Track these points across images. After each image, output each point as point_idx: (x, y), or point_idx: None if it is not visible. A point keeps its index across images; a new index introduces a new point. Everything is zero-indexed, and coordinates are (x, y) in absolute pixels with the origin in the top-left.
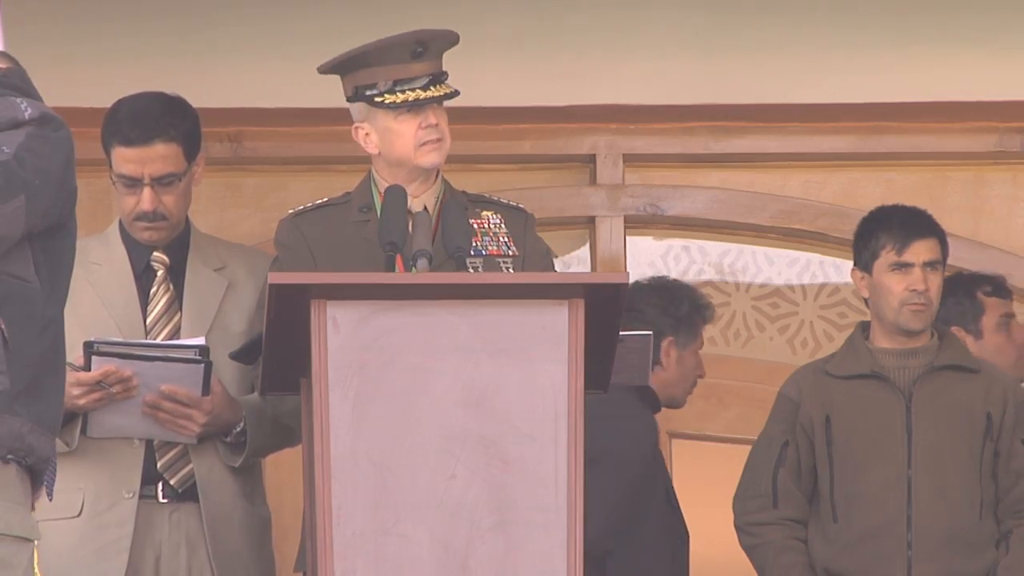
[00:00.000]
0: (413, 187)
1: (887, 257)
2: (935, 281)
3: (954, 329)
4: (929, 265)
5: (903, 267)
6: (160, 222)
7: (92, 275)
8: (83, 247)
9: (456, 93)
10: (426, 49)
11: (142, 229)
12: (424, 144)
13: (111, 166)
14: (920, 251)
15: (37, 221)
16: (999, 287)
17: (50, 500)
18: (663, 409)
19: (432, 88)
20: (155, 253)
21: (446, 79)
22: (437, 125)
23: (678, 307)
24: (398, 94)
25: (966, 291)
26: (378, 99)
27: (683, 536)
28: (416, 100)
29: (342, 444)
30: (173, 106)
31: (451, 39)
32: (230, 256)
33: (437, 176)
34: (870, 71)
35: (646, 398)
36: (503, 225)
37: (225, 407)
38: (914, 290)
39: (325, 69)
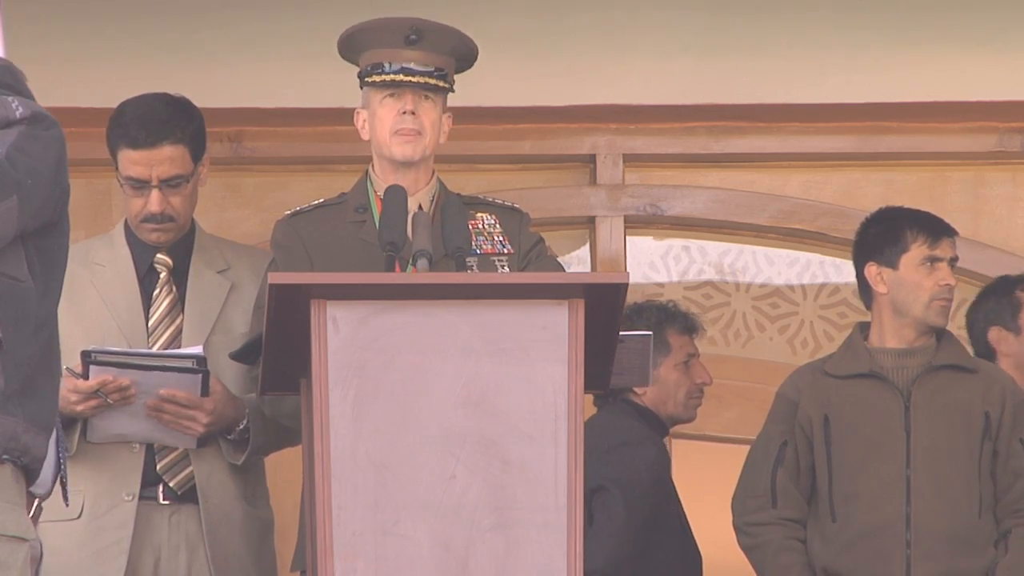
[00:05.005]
0: (406, 185)
1: (919, 251)
2: (954, 280)
3: (993, 329)
4: (953, 262)
5: (935, 261)
6: (168, 223)
7: (96, 276)
8: (87, 248)
9: (445, 88)
10: (421, 37)
11: (150, 231)
12: (398, 132)
13: (117, 168)
14: (947, 248)
15: (30, 221)
16: None
17: (67, 505)
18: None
19: (418, 76)
20: (158, 255)
21: (443, 75)
22: (415, 115)
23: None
24: (385, 76)
25: (1004, 291)
26: (366, 77)
27: (696, 561)
28: (394, 81)
29: (342, 444)
30: (179, 108)
31: (452, 36)
32: (234, 257)
33: (432, 176)
34: (870, 71)
35: (652, 423)
36: (498, 225)
37: (227, 405)
38: (946, 284)
39: (340, 52)
